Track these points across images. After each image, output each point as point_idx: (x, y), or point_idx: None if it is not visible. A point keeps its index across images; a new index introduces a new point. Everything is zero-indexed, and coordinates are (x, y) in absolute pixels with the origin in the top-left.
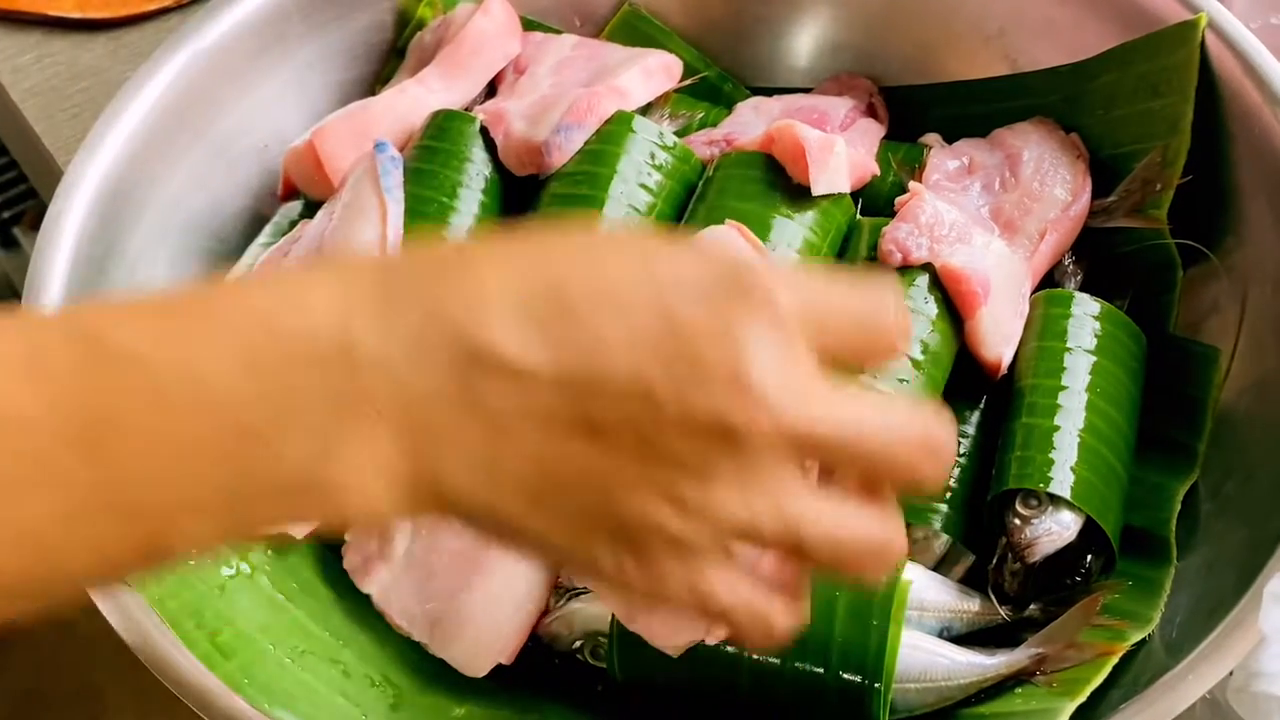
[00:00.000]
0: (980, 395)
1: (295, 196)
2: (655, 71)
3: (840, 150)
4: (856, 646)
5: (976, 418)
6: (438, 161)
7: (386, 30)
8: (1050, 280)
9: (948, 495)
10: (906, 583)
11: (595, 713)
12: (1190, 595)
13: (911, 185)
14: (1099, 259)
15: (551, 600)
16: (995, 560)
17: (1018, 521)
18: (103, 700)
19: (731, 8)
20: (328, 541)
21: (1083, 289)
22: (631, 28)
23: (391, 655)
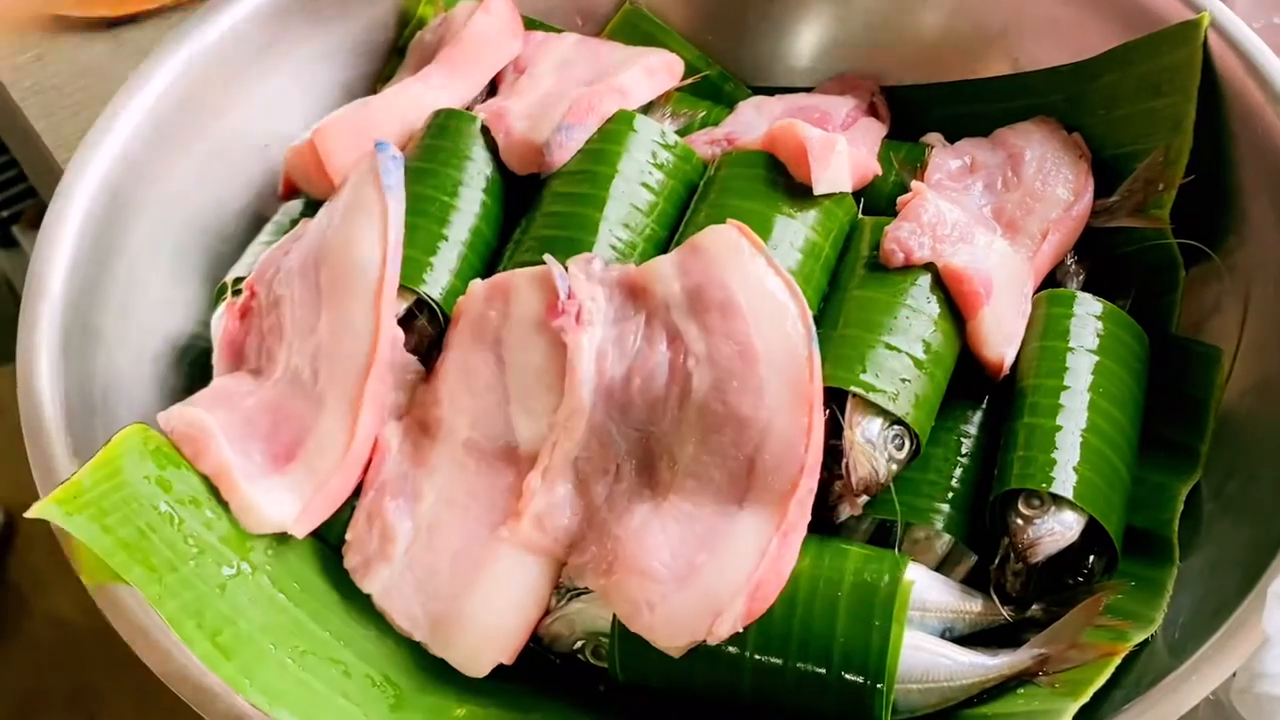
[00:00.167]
0: (983, 395)
1: (296, 195)
2: (657, 70)
3: (842, 149)
4: (859, 647)
5: (979, 418)
6: (439, 160)
7: (387, 29)
8: (1052, 280)
9: (950, 495)
10: (909, 583)
11: (597, 713)
12: (1193, 596)
13: (914, 184)
14: (1101, 259)
15: (553, 600)
16: (997, 560)
17: (1020, 522)
18: (101, 699)
19: (733, 7)
20: (328, 541)
21: (1085, 289)
22: (633, 27)
23: (392, 655)
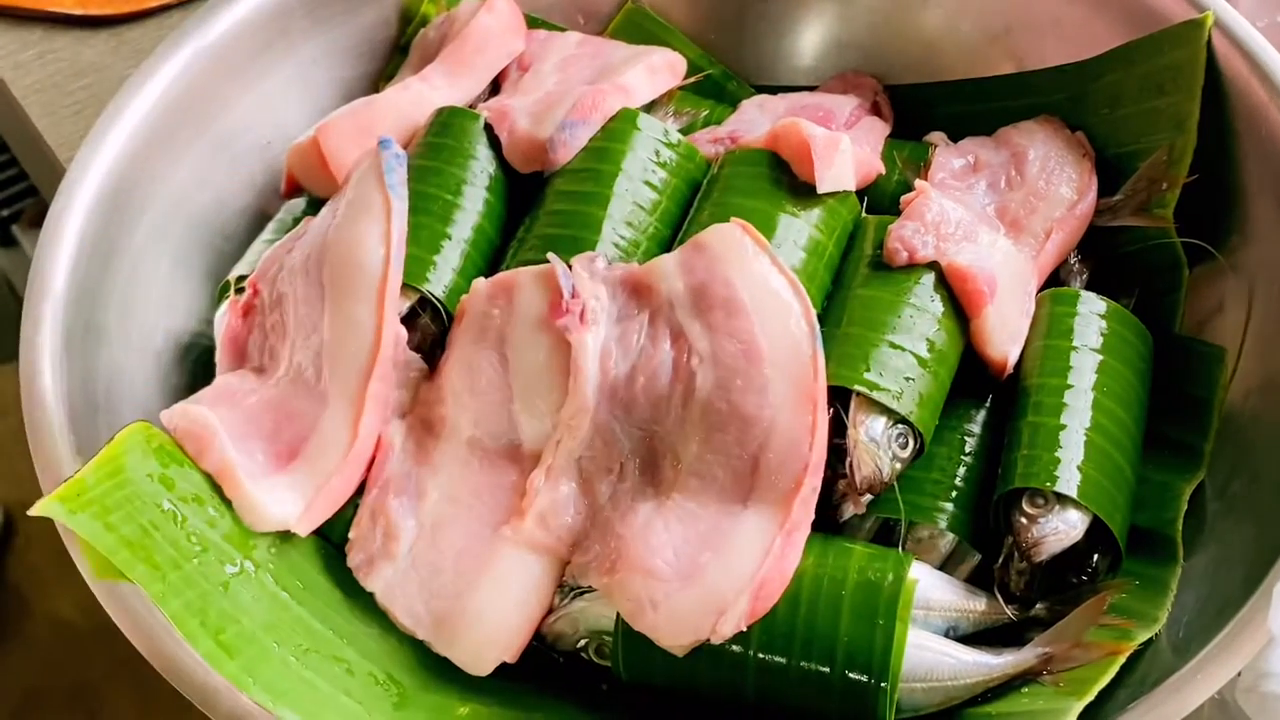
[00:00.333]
0: (987, 394)
1: (299, 193)
2: (659, 69)
3: (846, 148)
4: (862, 646)
5: (983, 416)
6: (442, 158)
7: (390, 27)
8: (1056, 279)
9: (954, 494)
10: (913, 582)
11: (600, 712)
12: (1197, 595)
13: (917, 183)
14: (1105, 258)
15: (556, 599)
16: (1001, 559)
17: (1024, 520)
18: (101, 697)
19: (736, 5)
20: (331, 539)
21: (1088, 288)
22: (635, 25)
23: (395, 653)
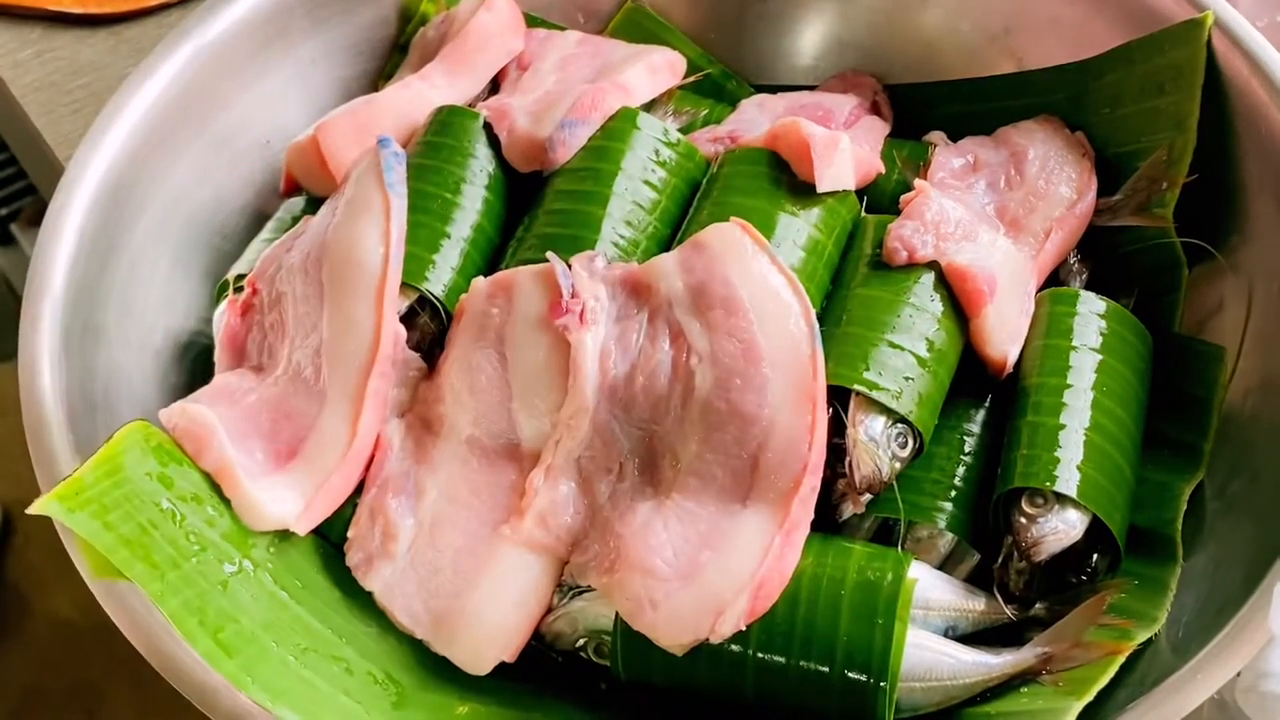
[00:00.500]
0: (986, 393)
1: (298, 192)
2: (659, 68)
3: (845, 147)
4: (862, 645)
5: (982, 416)
6: (441, 157)
7: (390, 26)
8: (1056, 279)
9: (953, 494)
10: (912, 581)
11: (599, 711)
12: (1197, 595)
13: (917, 183)
14: (1104, 257)
15: (555, 598)
16: (1001, 559)
17: (1023, 520)
18: (100, 696)
19: (736, 5)
20: (330, 539)
21: (1088, 287)
22: (635, 24)
23: (394, 653)
